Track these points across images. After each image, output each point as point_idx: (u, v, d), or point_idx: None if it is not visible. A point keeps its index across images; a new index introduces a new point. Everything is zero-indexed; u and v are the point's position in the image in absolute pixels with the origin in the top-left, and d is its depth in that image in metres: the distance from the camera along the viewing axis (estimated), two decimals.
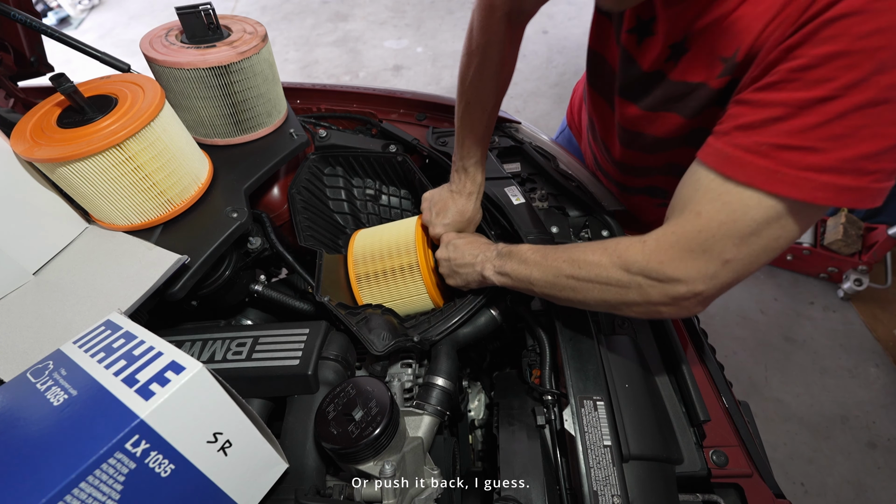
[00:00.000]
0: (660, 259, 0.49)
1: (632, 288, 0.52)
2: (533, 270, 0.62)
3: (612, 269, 0.53)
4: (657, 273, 0.50)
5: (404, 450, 0.59)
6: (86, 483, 0.37)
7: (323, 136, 0.98)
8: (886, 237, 1.82)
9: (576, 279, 0.57)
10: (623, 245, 0.54)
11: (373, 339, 0.69)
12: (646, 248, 0.51)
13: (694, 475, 0.58)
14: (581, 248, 0.58)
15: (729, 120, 0.47)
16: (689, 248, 0.48)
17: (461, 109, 0.77)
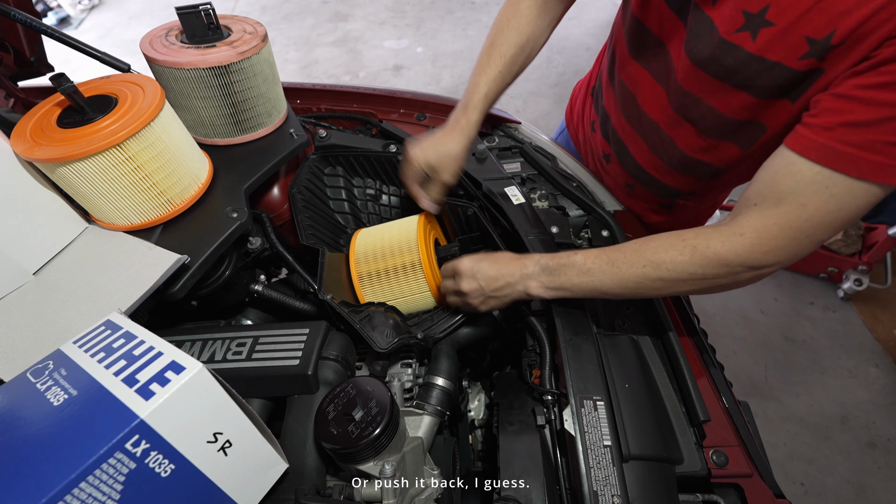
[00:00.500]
0: (763, 250, 0.52)
1: (727, 276, 0.55)
2: (604, 280, 0.61)
3: (709, 266, 0.55)
4: (759, 262, 0.53)
5: (404, 450, 0.59)
6: (86, 483, 0.37)
7: (323, 136, 0.98)
8: (886, 237, 1.82)
9: (664, 280, 0.58)
10: (716, 241, 0.54)
11: (376, 336, 0.69)
12: (745, 240, 0.53)
13: (694, 475, 0.58)
14: (660, 249, 0.58)
15: (830, 115, 0.48)
16: (794, 237, 0.51)
17: (483, 50, 0.79)
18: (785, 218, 0.51)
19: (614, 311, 0.73)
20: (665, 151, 0.79)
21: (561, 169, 0.96)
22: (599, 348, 0.64)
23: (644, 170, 0.86)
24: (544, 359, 0.69)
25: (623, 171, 0.92)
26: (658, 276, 0.58)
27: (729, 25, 0.56)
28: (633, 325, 0.71)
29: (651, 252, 0.58)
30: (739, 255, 0.53)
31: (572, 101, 1.14)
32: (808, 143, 0.49)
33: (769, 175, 0.53)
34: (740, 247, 0.53)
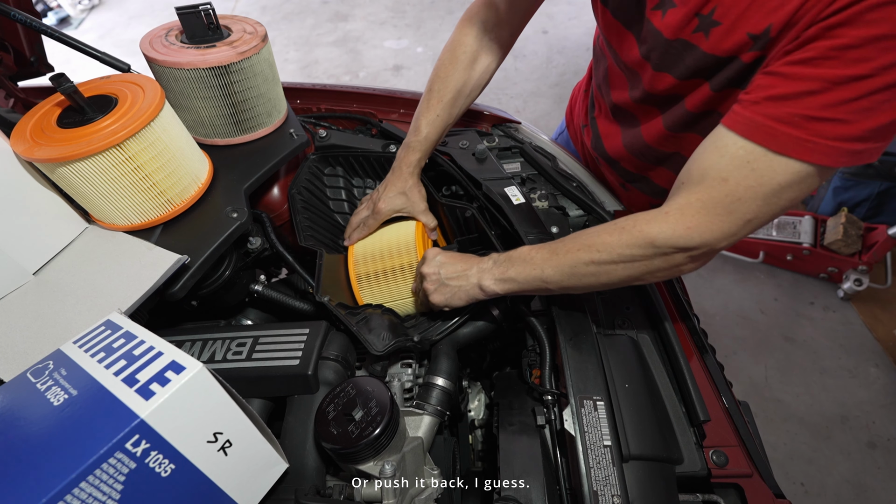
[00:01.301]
0: (687, 226, 0.52)
1: (657, 258, 0.55)
2: (544, 268, 0.62)
3: (637, 246, 0.55)
4: (685, 241, 0.53)
5: (404, 450, 0.59)
6: (86, 483, 0.37)
7: (323, 136, 0.98)
8: (886, 237, 1.82)
9: (597, 264, 0.58)
10: (643, 221, 0.55)
11: (373, 339, 0.69)
12: (670, 219, 0.53)
13: (694, 475, 0.58)
14: (594, 233, 0.60)
15: (759, 90, 0.49)
16: (716, 213, 0.51)
17: (425, 92, 0.83)
18: (707, 193, 0.51)
19: (614, 311, 0.73)
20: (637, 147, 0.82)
21: (561, 169, 0.96)
22: (599, 348, 0.64)
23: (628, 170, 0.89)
24: (544, 359, 0.69)
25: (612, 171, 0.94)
26: (590, 258, 0.58)
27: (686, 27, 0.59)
28: (633, 325, 0.71)
29: (586, 236, 0.60)
30: (664, 233, 0.53)
31: (572, 102, 1.15)
32: (736, 118, 0.50)
33: (698, 154, 0.54)
34: (665, 225, 0.53)
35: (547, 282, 0.63)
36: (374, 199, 0.87)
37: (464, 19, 0.81)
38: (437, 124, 0.82)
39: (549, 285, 0.63)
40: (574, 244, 0.60)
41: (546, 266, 0.62)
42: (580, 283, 0.61)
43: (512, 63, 3.20)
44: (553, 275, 0.62)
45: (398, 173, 0.85)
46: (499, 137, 1.01)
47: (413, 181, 0.85)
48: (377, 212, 0.85)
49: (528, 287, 0.65)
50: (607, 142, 0.90)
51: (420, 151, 0.84)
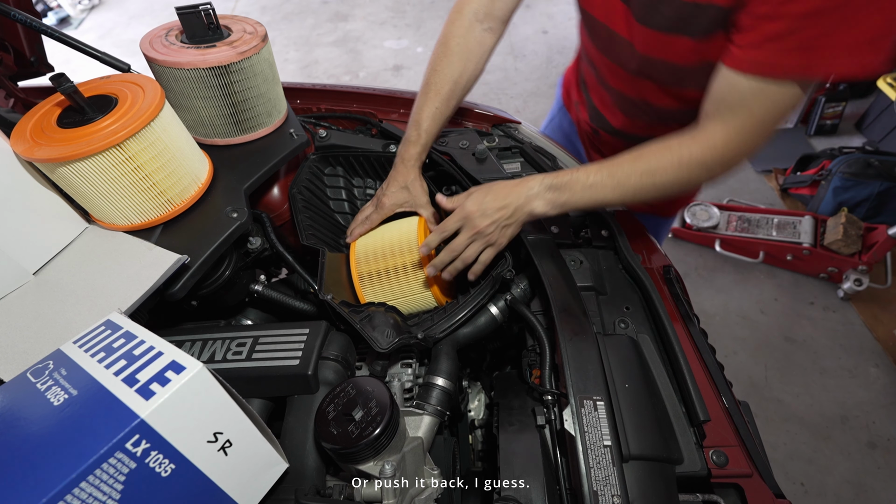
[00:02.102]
0: (733, 151, 0.64)
1: (707, 174, 0.67)
2: (605, 192, 0.69)
3: (692, 170, 0.66)
4: (730, 161, 0.65)
5: (404, 450, 0.59)
6: (86, 483, 0.37)
7: (323, 136, 0.98)
8: (886, 237, 1.82)
9: (657, 186, 0.68)
10: (696, 149, 0.65)
11: (376, 336, 0.69)
12: (718, 147, 0.64)
13: (694, 475, 0.58)
14: (652, 158, 0.67)
15: (756, 33, 0.57)
16: (752, 138, 0.63)
17: (421, 87, 0.85)
18: (742, 124, 0.62)
19: (614, 311, 0.73)
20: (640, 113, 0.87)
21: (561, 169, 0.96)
22: (599, 348, 0.64)
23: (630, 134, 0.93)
24: (544, 359, 0.69)
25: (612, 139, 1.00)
26: (653, 182, 0.67)
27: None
28: (633, 325, 0.71)
29: (645, 162, 0.67)
30: (715, 158, 0.65)
31: (567, 86, 1.18)
32: (742, 61, 0.59)
33: (719, 92, 0.63)
34: (715, 151, 0.64)
35: (606, 203, 0.71)
36: (378, 195, 0.88)
37: (454, 11, 0.82)
38: (436, 117, 0.83)
39: (607, 205, 0.73)
40: (635, 169, 0.68)
41: (608, 191, 0.69)
42: (638, 199, 0.71)
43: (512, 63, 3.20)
44: (615, 197, 0.69)
45: (399, 168, 0.86)
46: (499, 137, 1.01)
47: (414, 175, 0.86)
48: (381, 206, 0.86)
49: (584, 208, 0.72)
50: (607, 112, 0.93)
51: (420, 145, 0.84)
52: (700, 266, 2.16)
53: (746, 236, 2.10)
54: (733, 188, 2.44)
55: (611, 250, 0.81)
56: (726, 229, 2.16)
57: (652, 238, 0.87)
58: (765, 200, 2.36)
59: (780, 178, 2.40)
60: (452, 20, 0.82)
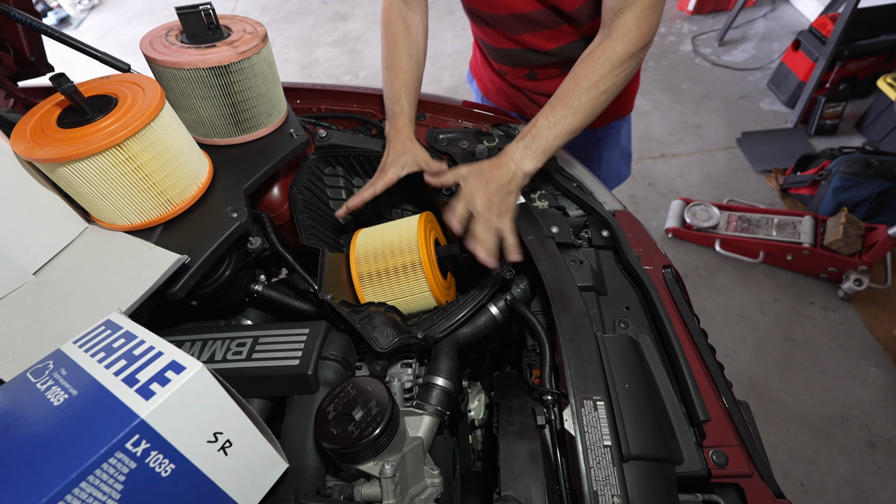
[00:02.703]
0: (644, 31, 0.75)
1: (633, 62, 0.77)
2: (569, 121, 0.76)
3: (623, 63, 0.75)
4: (646, 40, 0.76)
5: (404, 450, 0.59)
6: (86, 483, 0.37)
7: (323, 136, 0.98)
8: (886, 237, 1.82)
9: (605, 92, 0.76)
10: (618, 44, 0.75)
11: (376, 336, 0.69)
12: (632, 33, 0.75)
13: (694, 475, 0.58)
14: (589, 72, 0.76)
15: None
16: (653, 12, 0.75)
17: (383, 73, 0.94)
18: (645, 3, 0.73)
19: (614, 311, 0.73)
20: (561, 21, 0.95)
21: (561, 169, 0.96)
22: (599, 348, 0.64)
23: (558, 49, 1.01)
24: (544, 359, 0.69)
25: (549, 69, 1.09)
26: (600, 92, 0.76)
27: None
28: (633, 325, 0.71)
29: (585, 80, 0.76)
30: (635, 43, 0.75)
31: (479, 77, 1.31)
32: None
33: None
34: (634, 38, 0.75)
35: (574, 130, 0.77)
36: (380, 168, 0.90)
37: (383, 10, 0.95)
38: (408, 86, 0.92)
39: (575, 132, 0.78)
40: (580, 90, 0.76)
41: (570, 119, 0.76)
42: (596, 113, 0.78)
43: None
44: (578, 121, 0.77)
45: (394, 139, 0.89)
46: (499, 137, 1.01)
47: (410, 140, 0.89)
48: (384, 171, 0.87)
49: (561, 143, 0.78)
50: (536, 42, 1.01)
51: (406, 114, 0.91)
52: (700, 266, 2.16)
53: (746, 236, 2.11)
54: (733, 188, 2.44)
55: (611, 250, 0.81)
56: (726, 229, 2.16)
57: (652, 238, 0.87)
58: (765, 200, 2.36)
59: (780, 178, 2.40)
60: (385, 15, 0.95)
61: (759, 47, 3.24)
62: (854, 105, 2.64)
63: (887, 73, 2.33)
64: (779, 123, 2.74)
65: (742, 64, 3.14)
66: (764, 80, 2.99)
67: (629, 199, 2.46)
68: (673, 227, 2.23)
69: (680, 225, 2.23)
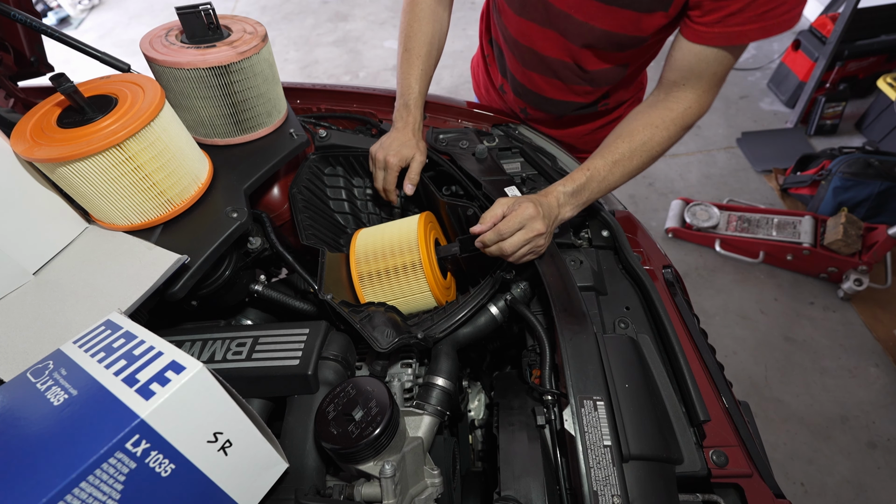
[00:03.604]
0: (703, 109, 0.78)
1: (684, 133, 0.79)
2: (614, 180, 0.77)
3: (677, 134, 0.78)
4: (701, 116, 0.79)
5: (404, 450, 0.59)
6: (86, 483, 0.37)
7: (323, 136, 0.98)
8: (886, 237, 1.82)
9: (653, 157, 0.79)
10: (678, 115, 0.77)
11: (376, 336, 0.69)
12: (693, 109, 0.77)
13: (694, 475, 0.58)
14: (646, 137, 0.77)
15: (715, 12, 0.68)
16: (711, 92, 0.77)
17: (400, 55, 0.91)
18: (708, 85, 0.76)
19: (614, 311, 0.73)
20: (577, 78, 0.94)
21: (561, 169, 0.96)
22: (599, 348, 0.64)
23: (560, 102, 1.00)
24: (544, 359, 0.69)
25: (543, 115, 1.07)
26: (649, 155, 0.78)
27: None
28: (633, 325, 0.71)
29: (641, 143, 0.77)
30: (691, 117, 0.77)
31: (476, 78, 1.27)
32: (708, 36, 0.70)
33: (685, 63, 0.75)
34: (691, 112, 0.77)
35: (616, 187, 0.79)
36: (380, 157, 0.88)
37: None
38: (423, 79, 0.90)
39: (616, 188, 0.79)
40: (636, 152, 0.77)
41: (619, 179, 0.78)
42: (637, 173, 0.80)
43: None
44: (623, 181, 0.79)
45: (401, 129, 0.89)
46: (499, 137, 1.01)
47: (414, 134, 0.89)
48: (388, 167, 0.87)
49: (596, 199, 0.80)
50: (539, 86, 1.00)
51: (419, 108, 0.90)
52: (700, 266, 2.16)
53: (746, 236, 2.11)
54: (733, 188, 2.44)
55: (611, 250, 0.81)
56: (726, 229, 2.16)
57: (652, 238, 0.87)
58: (765, 200, 2.36)
59: (780, 178, 2.40)
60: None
61: (759, 47, 3.24)
62: (854, 105, 2.64)
63: (887, 73, 2.32)
64: (779, 123, 2.74)
65: (742, 64, 3.14)
66: (764, 80, 2.99)
67: (629, 199, 2.46)
68: (673, 227, 2.23)
69: (680, 225, 2.23)
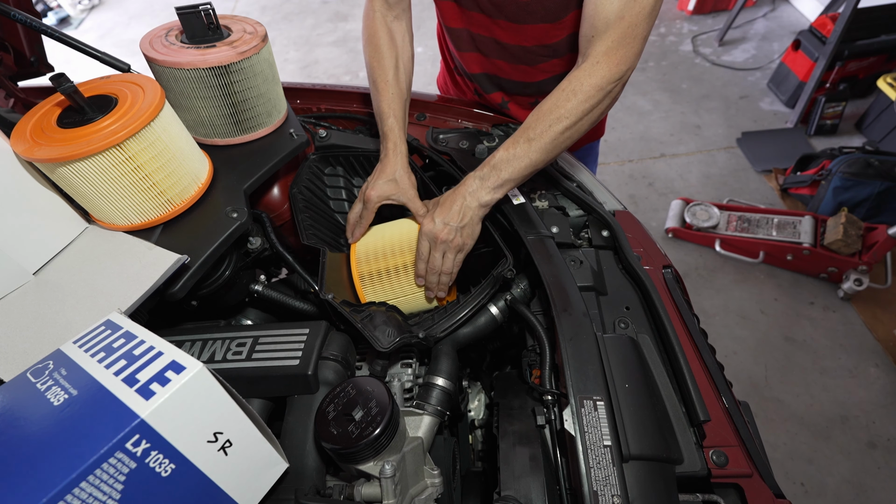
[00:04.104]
0: (616, 63, 0.70)
1: (606, 98, 0.72)
2: (531, 156, 0.73)
3: (591, 98, 0.71)
4: (619, 74, 0.71)
5: (404, 450, 0.59)
6: (86, 483, 0.37)
7: (323, 136, 0.98)
8: (886, 237, 1.82)
9: (569, 128, 0.72)
10: (585, 76, 0.71)
11: (378, 335, 0.69)
12: (601, 65, 0.70)
13: (694, 475, 0.58)
14: (553, 106, 0.72)
15: None
16: (628, 43, 0.69)
17: (371, 88, 0.89)
18: (616, 33, 0.68)
19: (614, 311, 0.73)
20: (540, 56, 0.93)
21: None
22: (599, 348, 0.64)
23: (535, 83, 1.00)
24: (544, 359, 0.69)
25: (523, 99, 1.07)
26: (563, 126, 0.72)
27: None
28: (633, 325, 0.71)
29: (548, 112, 0.72)
30: (605, 76, 0.70)
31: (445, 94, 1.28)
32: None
33: (591, 13, 0.70)
34: (603, 70, 0.70)
35: (536, 164, 0.74)
36: (363, 189, 0.86)
37: (365, 17, 0.91)
38: (395, 102, 0.87)
39: (538, 166, 0.75)
40: (543, 123, 0.72)
41: (531, 153, 0.73)
42: (561, 149, 0.74)
43: None
44: (540, 156, 0.73)
45: (385, 162, 0.85)
46: (499, 137, 1.01)
47: (401, 166, 0.85)
48: (367, 200, 0.84)
49: (522, 177, 0.75)
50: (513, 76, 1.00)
51: (397, 133, 0.86)
52: (700, 266, 2.16)
53: (746, 236, 2.11)
54: (733, 188, 2.44)
55: (611, 250, 0.81)
56: (726, 229, 2.16)
57: (652, 238, 0.87)
58: (765, 200, 2.36)
59: (780, 178, 2.40)
60: (367, 23, 0.90)
61: (759, 47, 3.24)
62: (854, 105, 2.64)
63: (887, 73, 2.33)
64: (779, 123, 2.74)
65: (742, 64, 3.14)
66: (764, 79, 2.99)
67: (629, 199, 2.46)
68: (673, 227, 2.23)
69: (680, 225, 2.23)
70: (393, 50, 0.88)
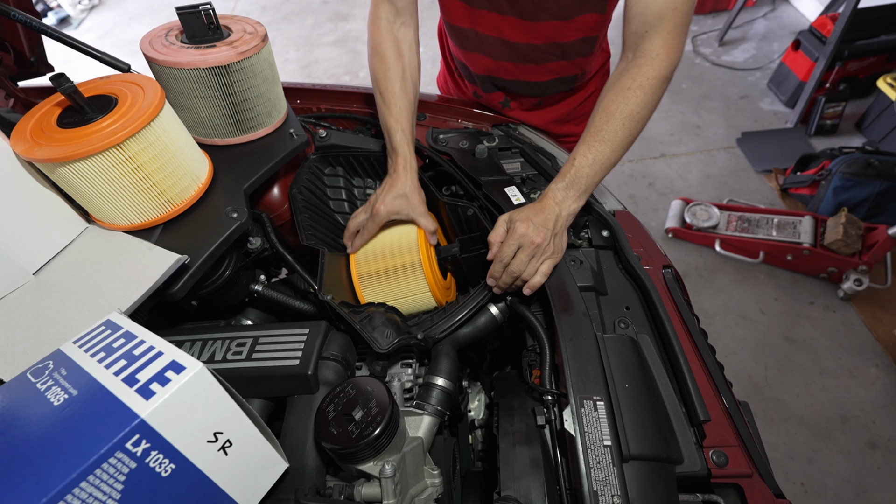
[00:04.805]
0: (675, 53, 0.73)
1: (667, 84, 0.75)
2: (608, 157, 0.74)
3: (657, 90, 0.74)
4: (677, 62, 0.74)
5: (404, 450, 0.59)
6: (86, 483, 0.37)
7: (323, 136, 0.98)
8: (886, 237, 1.82)
9: (640, 121, 0.74)
10: (648, 71, 0.73)
11: (376, 336, 0.69)
12: (661, 57, 0.73)
13: (694, 475, 0.58)
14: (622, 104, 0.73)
15: None
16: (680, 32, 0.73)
17: (378, 100, 0.88)
18: (670, 24, 0.71)
19: (614, 311, 0.73)
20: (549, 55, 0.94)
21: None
22: (599, 348, 0.64)
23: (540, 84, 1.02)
24: (544, 359, 0.69)
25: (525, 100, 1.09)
26: (635, 123, 0.74)
27: None
28: (633, 325, 0.71)
29: (618, 112, 0.73)
30: (666, 67, 0.73)
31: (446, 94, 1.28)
32: None
33: (642, 10, 0.72)
34: (664, 62, 0.73)
35: (613, 164, 0.76)
36: (371, 201, 0.85)
37: (370, 23, 0.88)
38: (403, 116, 0.86)
39: (614, 165, 0.76)
40: (615, 122, 0.73)
41: (609, 154, 0.74)
42: (632, 142, 0.76)
43: None
44: (617, 156, 0.75)
45: (394, 177, 0.84)
46: (499, 137, 1.01)
47: (411, 182, 0.84)
48: (375, 214, 0.83)
49: (601, 179, 0.77)
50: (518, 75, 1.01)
51: (406, 148, 0.85)
52: (700, 266, 2.16)
53: (746, 236, 2.11)
54: (733, 188, 2.44)
55: (611, 250, 0.81)
56: (726, 229, 2.16)
57: (652, 238, 0.87)
58: (765, 200, 2.36)
59: (780, 178, 2.40)
60: (373, 31, 0.87)
61: (759, 47, 3.24)
62: (854, 105, 2.64)
63: (887, 73, 2.33)
64: (779, 123, 2.74)
65: (742, 64, 3.14)
66: (764, 80, 2.99)
67: (629, 199, 2.46)
68: (673, 227, 2.23)
69: (680, 225, 2.23)
70: (399, 60, 0.86)
